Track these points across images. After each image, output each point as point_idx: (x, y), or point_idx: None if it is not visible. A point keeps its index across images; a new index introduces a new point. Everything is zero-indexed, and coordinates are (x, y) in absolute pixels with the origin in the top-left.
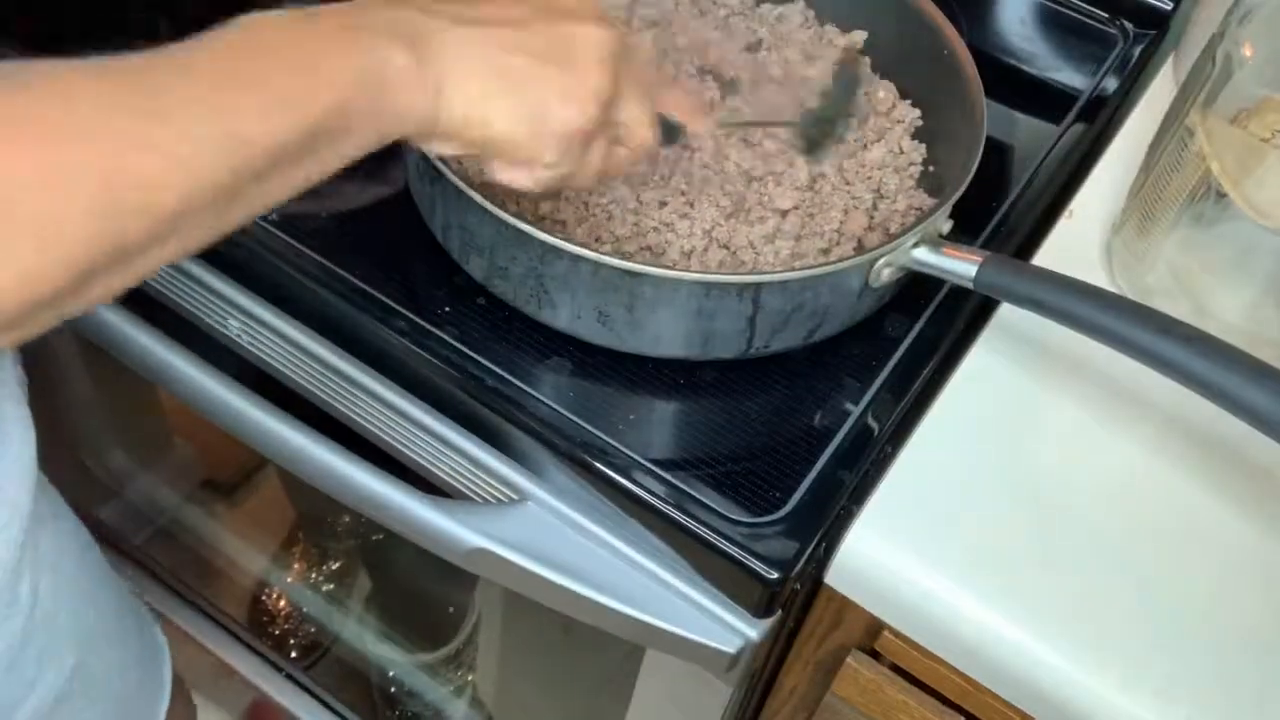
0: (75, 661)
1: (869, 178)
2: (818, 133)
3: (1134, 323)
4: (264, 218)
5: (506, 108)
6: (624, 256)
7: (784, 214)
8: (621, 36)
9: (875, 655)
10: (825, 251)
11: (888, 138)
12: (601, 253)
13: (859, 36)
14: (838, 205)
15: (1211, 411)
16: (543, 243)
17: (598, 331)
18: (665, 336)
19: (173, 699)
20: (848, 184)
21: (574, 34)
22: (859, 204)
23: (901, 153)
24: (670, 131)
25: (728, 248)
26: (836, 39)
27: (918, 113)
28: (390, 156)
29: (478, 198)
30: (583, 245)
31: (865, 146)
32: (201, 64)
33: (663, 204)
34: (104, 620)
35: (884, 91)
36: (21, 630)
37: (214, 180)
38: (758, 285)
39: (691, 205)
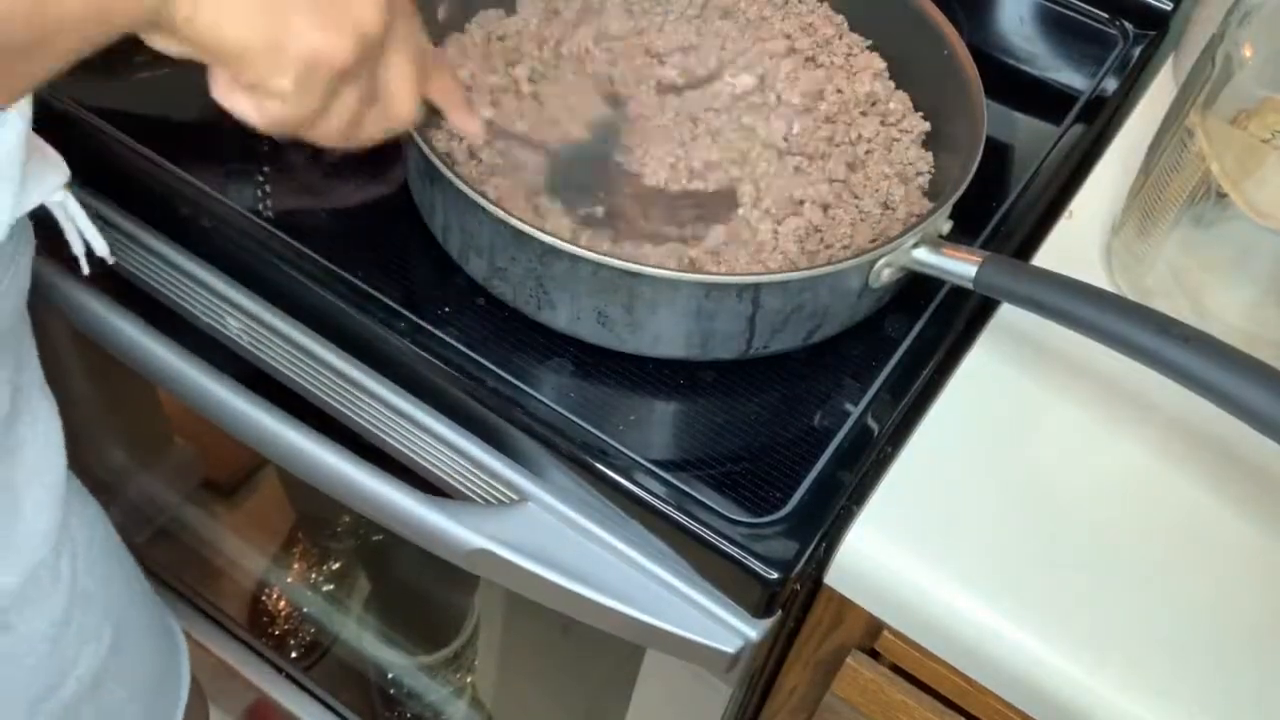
0: (111, 639)
1: (876, 190)
2: (573, 174)
3: (1133, 323)
4: (265, 218)
5: (244, 15)
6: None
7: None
8: None
9: (875, 655)
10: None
11: (896, 148)
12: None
13: (878, 64)
14: (845, 220)
15: (1211, 411)
16: (542, 243)
17: (597, 332)
18: (665, 337)
19: (191, 692)
20: (856, 197)
21: None
22: (865, 217)
23: (909, 163)
24: (430, 116)
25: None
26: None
27: (927, 125)
28: (390, 156)
29: (477, 198)
30: (582, 246)
31: (870, 154)
32: None
33: None
34: (133, 599)
35: (895, 102)
36: (64, 606)
37: None
38: (757, 285)
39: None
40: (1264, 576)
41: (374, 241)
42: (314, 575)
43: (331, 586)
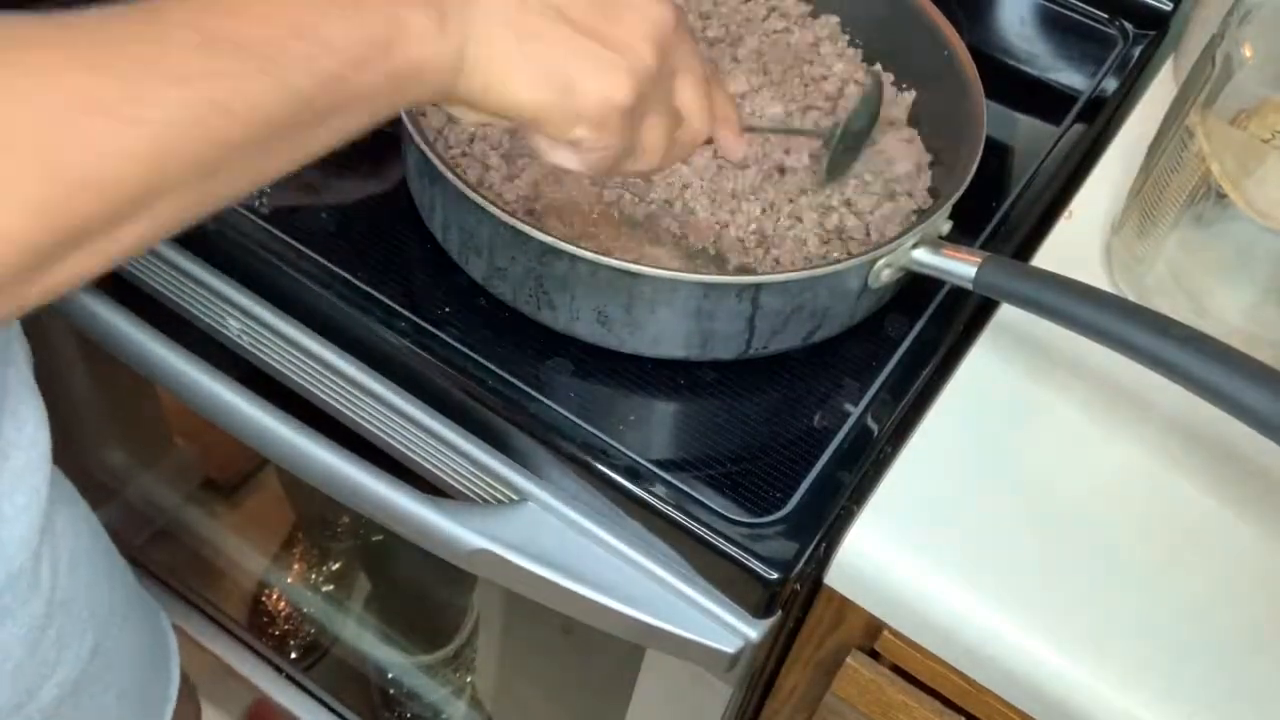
0: (93, 644)
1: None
2: (841, 151)
3: (1132, 324)
4: (264, 218)
5: (531, 76)
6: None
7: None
8: (681, 16)
9: (875, 655)
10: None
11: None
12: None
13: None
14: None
15: (1211, 412)
16: (541, 243)
17: (596, 332)
18: (664, 337)
19: (181, 694)
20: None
21: (625, 4)
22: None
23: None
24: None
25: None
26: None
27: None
28: (390, 156)
29: (476, 197)
30: (581, 246)
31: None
32: (174, 17)
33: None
34: (117, 603)
35: (898, 109)
36: (43, 613)
37: (187, 152)
38: (757, 286)
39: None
40: (1264, 576)
41: (374, 241)
42: (314, 575)
43: (331, 586)
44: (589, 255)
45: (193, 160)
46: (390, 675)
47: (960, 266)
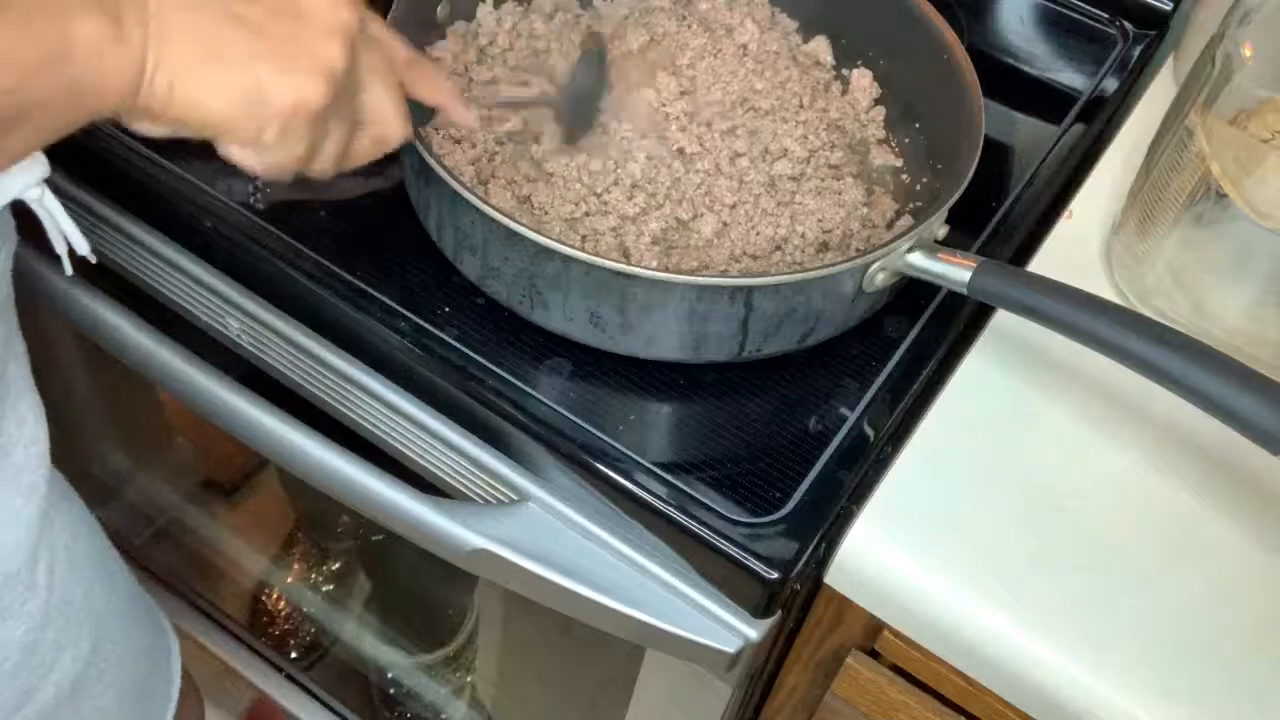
0: (91, 645)
1: (880, 212)
2: (578, 114)
3: (1127, 331)
4: (264, 217)
5: (218, 85)
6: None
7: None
8: (362, 13)
9: (875, 655)
10: None
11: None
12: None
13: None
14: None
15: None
16: (535, 243)
17: (590, 333)
18: (658, 338)
19: (183, 692)
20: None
21: (303, 5)
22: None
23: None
24: (421, 114)
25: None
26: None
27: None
28: (389, 156)
29: (471, 198)
30: (575, 246)
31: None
32: None
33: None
34: (117, 604)
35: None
36: (41, 613)
37: None
38: (750, 288)
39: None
40: (1263, 577)
41: (374, 241)
42: (314, 575)
43: (331, 586)
44: (582, 256)
45: None
46: (390, 675)
47: (955, 271)
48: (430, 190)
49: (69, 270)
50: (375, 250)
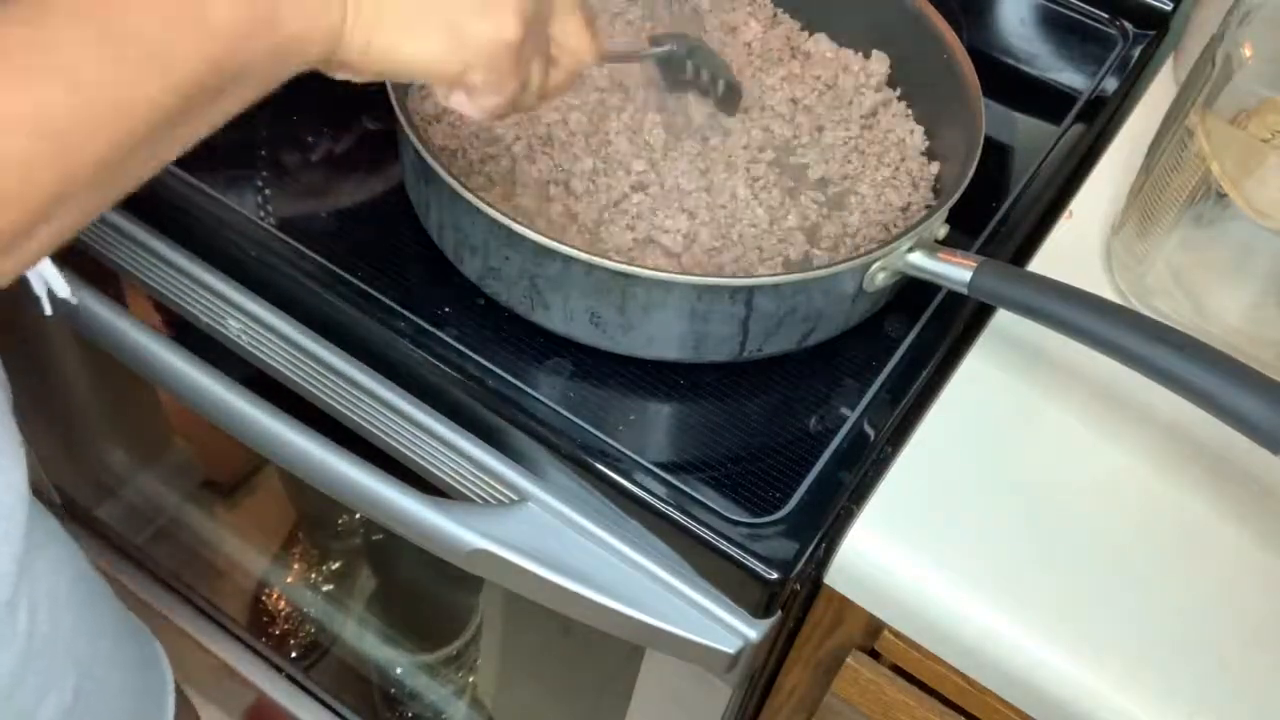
0: (75, 686)
1: (881, 212)
2: (690, 66)
3: (1127, 331)
4: (264, 218)
5: (413, 32)
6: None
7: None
8: None
9: (875, 655)
10: None
11: (902, 169)
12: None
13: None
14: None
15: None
16: (535, 243)
17: (590, 333)
18: (658, 338)
19: (177, 714)
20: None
21: None
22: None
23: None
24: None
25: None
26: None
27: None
28: (389, 156)
29: (471, 197)
30: (575, 246)
31: (879, 169)
32: (59, 12)
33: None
34: (103, 644)
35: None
36: (19, 660)
37: (91, 155)
38: (750, 288)
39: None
40: (1263, 577)
41: (374, 242)
42: (314, 575)
43: (331, 586)
44: (582, 255)
45: (95, 162)
46: (391, 675)
47: (955, 271)
48: (430, 190)
49: (48, 311)
50: (375, 250)
